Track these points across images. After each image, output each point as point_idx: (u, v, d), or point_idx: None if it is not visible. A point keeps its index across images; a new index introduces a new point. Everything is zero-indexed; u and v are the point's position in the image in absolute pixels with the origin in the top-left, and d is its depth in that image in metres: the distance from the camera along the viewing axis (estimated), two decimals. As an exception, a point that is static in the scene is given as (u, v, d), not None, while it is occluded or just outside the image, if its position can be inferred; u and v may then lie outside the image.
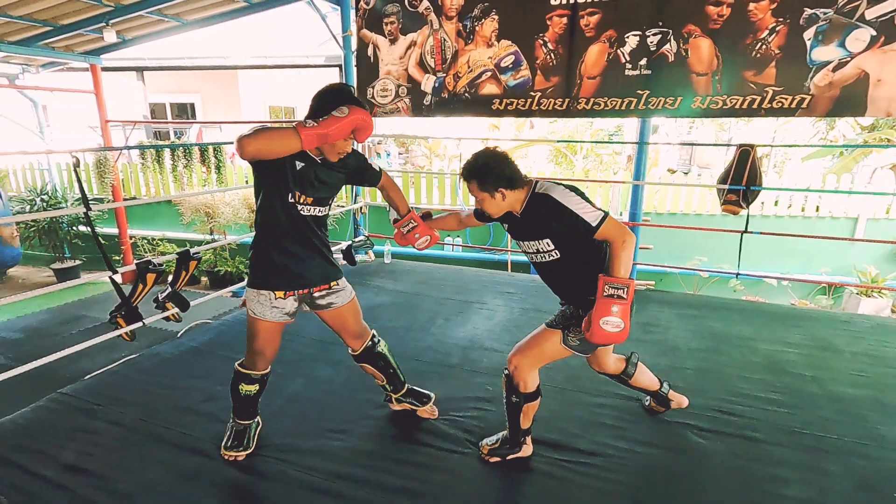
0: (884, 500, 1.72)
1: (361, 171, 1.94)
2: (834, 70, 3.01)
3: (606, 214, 1.62)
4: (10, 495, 1.71)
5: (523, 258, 6.11)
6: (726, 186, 3.44)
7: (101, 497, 1.71)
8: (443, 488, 1.78)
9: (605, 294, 1.57)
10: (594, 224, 1.60)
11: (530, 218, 1.73)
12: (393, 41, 4.08)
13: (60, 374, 3.52)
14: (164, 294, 2.85)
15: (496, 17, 3.72)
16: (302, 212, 1.74)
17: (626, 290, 1.56)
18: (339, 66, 5.84)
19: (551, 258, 1.75)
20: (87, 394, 2.33)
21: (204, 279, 6.51)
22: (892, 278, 5.23)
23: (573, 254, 1.72)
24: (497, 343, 2.90)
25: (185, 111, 10.72)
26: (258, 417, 2.01)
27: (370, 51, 4.18)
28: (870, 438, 2.03)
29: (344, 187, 2.09)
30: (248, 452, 1.91)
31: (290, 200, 1.71)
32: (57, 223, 6.70)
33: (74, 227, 6.92)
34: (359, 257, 4.55)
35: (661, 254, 4.65)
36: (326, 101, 1.63)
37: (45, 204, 6.77)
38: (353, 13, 4.25)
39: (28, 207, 6.73)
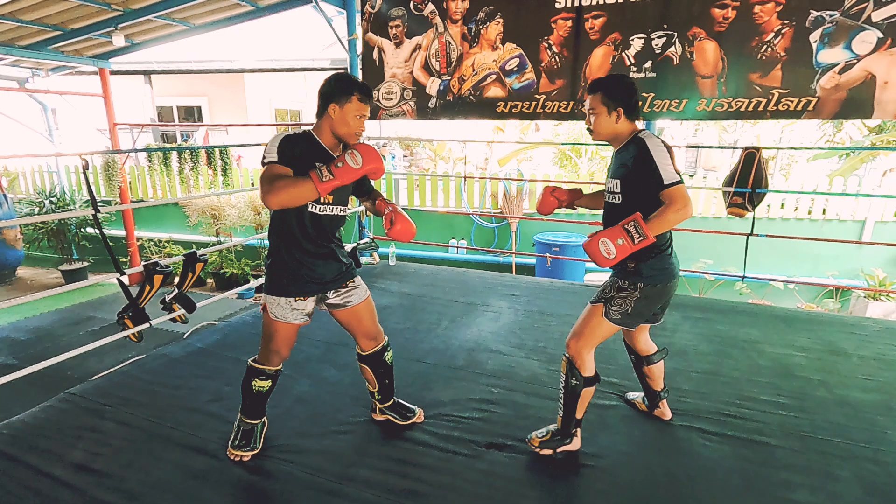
0: (893, 505, 1.71)
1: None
2: (840, 72, 3.00)
3: (681, 182, 1.65)
4: (19, 494, 1.73)
5: (528, 260, 6.12)
6: (732, 189, 3.43)
7: (110, 496, 1.72)
8: (448, 490, 1.78)
9: (625, 226, 1.62)
10: (666, 182, 1.63)
11: (620, 155, 1.82)
12: (398, 44, 4.10)
13: (69, 375, 3.56)
14: (171, 295, 2.88)
15: (501, 20, 3.74)
16: (323, 213, 1.77)
17: (641, 240, 1.60)
18: (345, 70, 5.89)
19: (614, 201, 1.83)
20: (95, 394, 2.35)
21: (210, 281, 6.54)
22: (901, 281, 5.19)
23: (634, 206, 1.72)
24: (502, 345, 2.90)
25: (192, 114, 10.79)
26: (265, 418, 2.02)
27: (375, 54, 4.20)
28: (879, 443, 2.02)
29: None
30: (254, 453, 1.92)
31: (310, 203, 1.73)
32: (65, 225, 6.76)
33: (82, 229, 6.97)
34: (364, 259, 4.56)
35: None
36: (329, 98, 1.70)
37: (53, 206, 6.83)
38: (358, 17, 4.28)
39: (37, 209, 6.80)
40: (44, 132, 7.03)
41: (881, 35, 2.90)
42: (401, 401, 2.19)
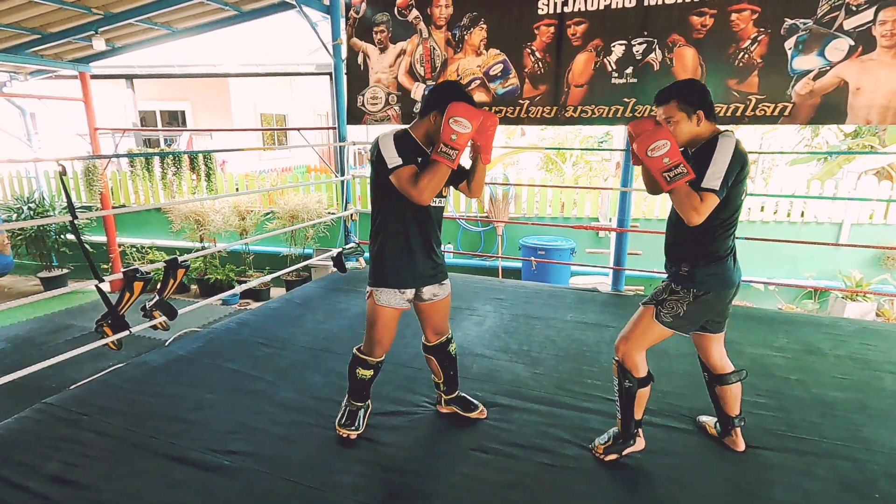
0: (867, 502, 1.74)
1: None
2: (814, 79, 3.08)
3: (716, 192, 1.61)
4: (-8, 508, 1.69)
5: (514, 264, 6.15)
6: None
7: (87, 508, 1.69)
8: (432, 494, 1.78)
9: (664, 160, 1.61)
10: (702, 184, 1.62)
11: (696, 155, 1.74)
12: (383, 50, 4.11)
13: (46, 385, 3.48)
14: (152, 302, 2.84)
15: (484, 26, 3.77)
16: (432, 205, 1.87)
17: (677, 173, 1.60)
18: (330, 75, 5.87)
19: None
20: (73, 403, 2.30)
21: (194, 287, 6.46)
22: (877, 282, 5.32)
23: None
24: (487, 349, 2.91)
25: (175, 118, 10.68)
26: (370, 401, 2.13)
27: (360, 59, 4.20)
28: (854, 441, 2.06)
29: (334, 191, 2.14)
30: (359, 433, 2.04)
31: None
32: (44, 231, 6.63)
33: (62, 236, 6.85)
34: (349, 264, 4.55)
35: (650, 260, 4.69)
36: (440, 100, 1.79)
37: (32, 212, 6.70)
38: (343, 22, 4.28)
39: (15, 216, 6.66)
40: (23, 137, 6.91)
41: (853, 43, 2.98)
42: (465, 395, 2.25)
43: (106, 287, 2.60)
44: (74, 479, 1.82)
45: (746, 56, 3.18)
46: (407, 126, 1.90)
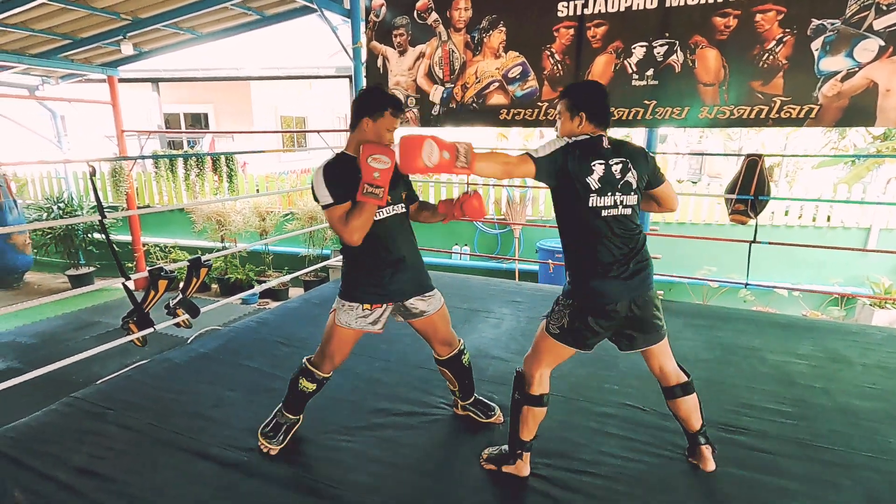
0: (895, 515, 1.69)
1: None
2: (842, 80, 3.01)
3: (530, 155, 1.65)
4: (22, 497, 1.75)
5: (531, 267, 6.12)
6: (734, 196, 3.43)
7: (112, 500, 1.74)
8: (448, 496, 1.78)
9: (458, 144, 1.55)
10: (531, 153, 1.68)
11: None
12: (402, 52, 4.14)
13: (73, 379, 3.59)
14: (175, 300, 2.90)
15: (504, 28, 3.77)
16: (386, 215, 1.82)
17: (463, 165, 1.54)
18: (349, 77, 5.92)
19: None
20: (99, 398, 2.37)
21: (215, 286, 6.58)
22: (907, 289, 5.16)
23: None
24: (503, 352, 2.91)
25: (198, 121, 10.91)
26: (301, 416, 2.06)
27: (380, 62, 4.24)
28: (881, 452, 2.00)
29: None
30: (280, 447, 1.98)
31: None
32: (72, 230, 6.83)
33: (89, 235, 7.04)
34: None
35: (670, 263, 4.63)
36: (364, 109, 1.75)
37: (61, 212, 6.90)
38: (363, 25, 4.32)
39: (45, 215, 6.88)
40: (53, 139, 7.13)
41: (883, 43, 2.90)
42: (481, 398, 2.23)
43: (131, 285, 2.68)
44: (100, 472, 1.87)
45: (771, 57, 3.12)
46: (342, 148, 1.85)
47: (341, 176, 1.73)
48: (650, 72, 3.41)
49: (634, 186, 1.69)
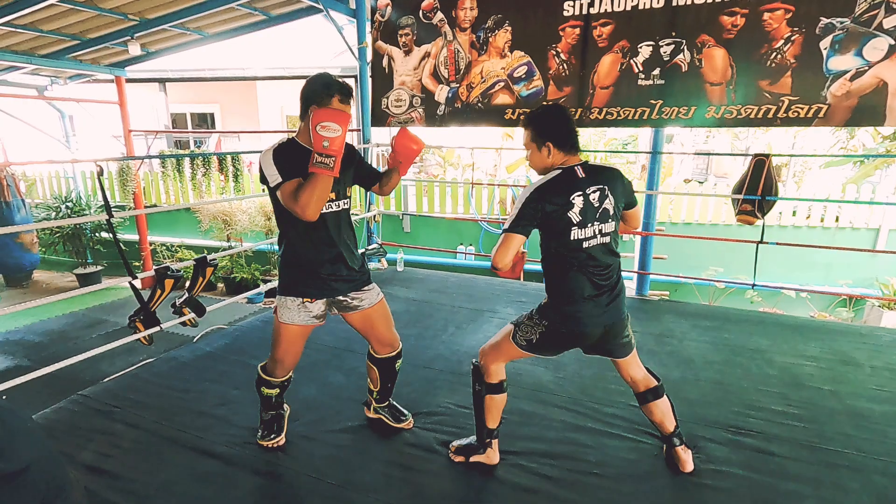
0: (904, 519, 1.68)
1: (351, 158, 1.90)
2: (851, 79, 2.98)
3: (509, 231, 1.65)
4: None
5: (537, 267, 6.08)
6: (741, 196, 3.41)
7: (118, 497, 1.75)
8: (451, 495, 1.78)
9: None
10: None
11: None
12: (407, 52, 4.14)
13: (80, 377, 3.61)
14: (182, 299, 2.91)
15: (509, 28, 3.76)
16: (326, 210, 1.75)
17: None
18: (355, 77, 5.92)
19: None
20: (106, 396, 2.39)
21: (220, 285, 6.61)
22: (917, 291, 5.10)
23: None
24: (508, 352, 2.90)
25: (205, 121, 10.96)
26: (286, 405, 2.10)
27: (385, 62, 4.24)
28: (890, 454, 1.98)
29: (358, 195, 2.14)
30: (283, 437, 2.02)
31: None
32: (80, 229, 6.88)
33: (97, 234, 7.09)
34: (372, 265, 4.59)
35: (676, 264, 4.60)
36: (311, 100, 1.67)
37: (69, 211, 6.96)
38: (368, 25, 4.33)
39: (54, 214, 6.93)
40: (61, 139, 7.19)
41: (893, 42, 2.87)
42: (395, 403, 2.21)
43: (137, 284, 2.69)
44: (107, 469, 1.88)
45: (779, 56, 3.10)
46: (293, 135, 1.78)
47: (289, 157, 1.67)
48: (657, 71, 3.39)
49: (612, 213, 1.68)
